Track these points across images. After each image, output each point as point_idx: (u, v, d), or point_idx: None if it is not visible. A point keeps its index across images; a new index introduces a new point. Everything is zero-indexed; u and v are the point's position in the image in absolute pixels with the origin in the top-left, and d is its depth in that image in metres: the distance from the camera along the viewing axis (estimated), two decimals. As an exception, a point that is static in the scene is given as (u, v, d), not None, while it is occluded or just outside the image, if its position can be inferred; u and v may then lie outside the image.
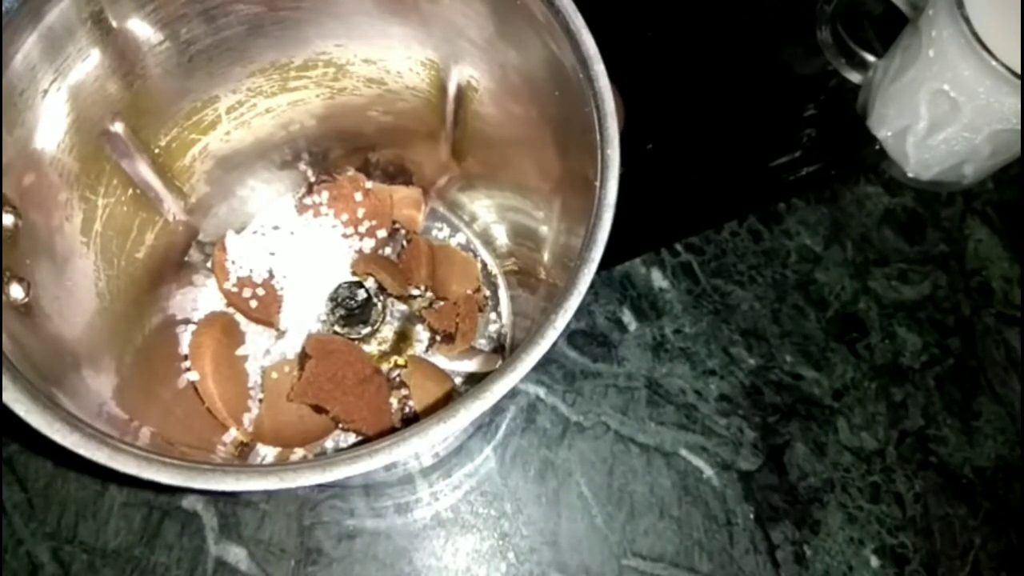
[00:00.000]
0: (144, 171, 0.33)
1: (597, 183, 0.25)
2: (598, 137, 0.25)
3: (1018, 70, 0.37)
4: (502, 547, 0.38)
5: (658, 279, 0.44)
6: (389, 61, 0.35)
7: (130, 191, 0.33)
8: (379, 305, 0.39)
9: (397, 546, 0.38)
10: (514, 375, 0.22)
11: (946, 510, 0.41)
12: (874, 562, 0.39)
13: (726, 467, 0.40)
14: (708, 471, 0.40)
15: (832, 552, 0.39)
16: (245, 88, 0.35)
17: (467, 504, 0.39)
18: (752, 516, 0.40)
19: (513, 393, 0.40)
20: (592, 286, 0.43)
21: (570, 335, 0.42)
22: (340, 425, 0.37)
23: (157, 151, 0.34)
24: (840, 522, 0.40)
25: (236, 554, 0.37)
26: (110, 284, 0.31)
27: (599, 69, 0.26)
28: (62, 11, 0.26)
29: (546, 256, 0.33)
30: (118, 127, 0.31)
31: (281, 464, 0.21)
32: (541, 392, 0.41)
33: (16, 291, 0.25)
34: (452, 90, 0.34)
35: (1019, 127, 0.40)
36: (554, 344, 0.22)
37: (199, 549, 0.37)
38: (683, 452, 0.40)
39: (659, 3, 0.51)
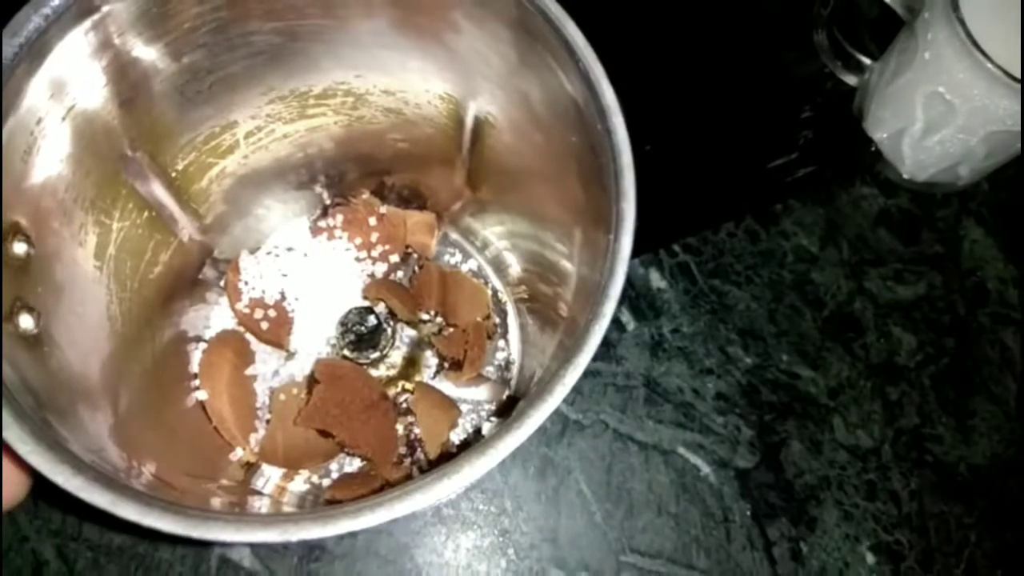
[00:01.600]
0: (160, 194, 0.33)
1: (611, 236, 0.25)
2: (614, 189, 0.25)
3: (1013, 72, 0.37)
4: (502, 543, 0.39)
5: (656, 279, 0.44)
6: (408, 93, 0.35)
7: (145, 214, 0.33)
8: (389, 331, 0.39)
9: (399, 543, 0.38)
10: (521, 432, 0.22)
11: (941, 507, 0.41)
12: (870, 559, 0.40)
13: (723, 465, 0.41)
14: (705, 469, 0.41)
15: (828, 549, 0.40)
16: (264, 114, 0.35)
17: (468, 501, 0.39)
18: (749, 513, 0.40)
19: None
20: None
21: (569, 334, 0.43)
22: (345, 450, 0.37)
23: (174, 175, 0.34)
24: (836, 519, 0.40)
25: (240, 551, 0.38)
26: (121, 307, 0.31)
27: (617, 121, 0.25)
28: (76, 40, 0.26)
29: (566, 291, 0.33)
30: (136, 153, 0.31)
31: (284, 515, 0.21)
32: (540, 391, 0.41)
33: (26, 321, 0.25)
34: (469, 123, 0.35)
35: (1014, 129, 0.40)
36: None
37: (203, 547, 0.38)
38: (681, 450, 0.41)
39: (657, 4, 0.51)
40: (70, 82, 0.27)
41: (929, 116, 0.43)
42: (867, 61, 0.49)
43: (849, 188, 0.48)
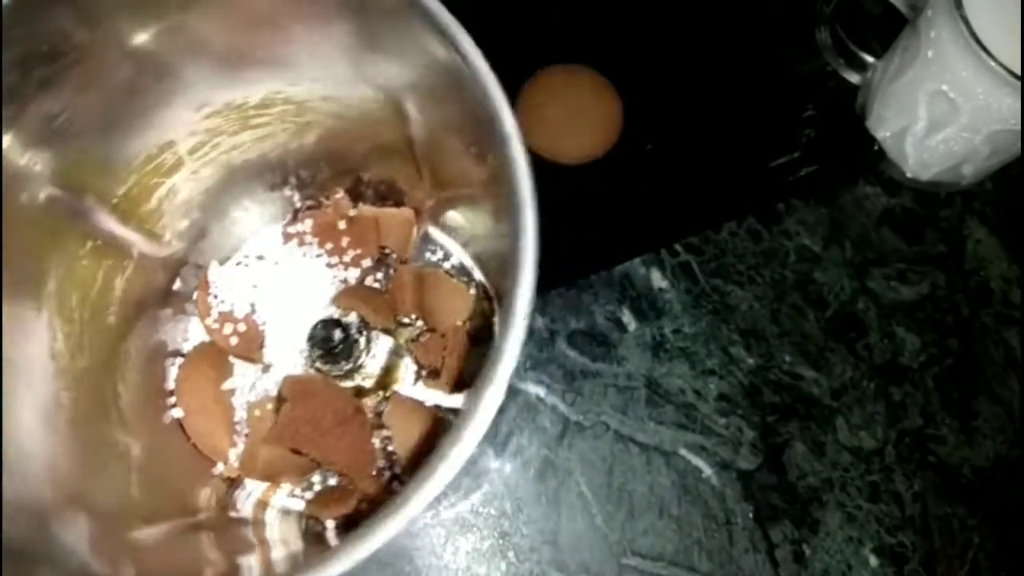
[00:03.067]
0: (104, 221, 0.31)
1: (512, 295, 0.21)
2: (517, 245, 0.22)
3: (1017, 71, 0.37)
4: (502, 546, 0.38)
5: (657, 279, 0.44)
6: (342, 98, 0.33)
7: (88, 244, 0.31)
8: (361, 341, 0.37)
9: (397, 545, 0.38)
10: (404, 514, 0.20)
11: (945, 509, 0.41)
12: (873, 561, 0.40)
13: (725, 466, 0.40)
14: (707, 470, 0.40)
15: (831, 551, 0.40)
16: (203, 129, 0.34)
17: (467, 503, 0.39)
18: (751, 515, 0.40)
19: (513, 392, 0.40)
20: (592, 286, 0.44)
21: (570, 335, 0.43)
22: (322, 467, 0.36)
23: (116, 201, 0.32)
24: (839, 521, 0.40)
25: (237, 553, 0.37)
26: (68, 342, 0.30)
27: (516, 153, 0.23)
28: None
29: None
30: (56, 192, 0.29)
31: None
32: (541, 392, 0.41)
33: None
34: (411, 115, 0.33)
35: (1018, 127, 0.40)
36: (553, 344, 0.22)
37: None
38: (682, 451, 0.41)
39: (659, 3, 0.51)
40: None
41: (932, 115, 0.43)
42: (870, 59, 0.48)
43: (852, 187, 0.47)
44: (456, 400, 0.38)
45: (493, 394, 0.20)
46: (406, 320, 0.39)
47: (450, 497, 0.38)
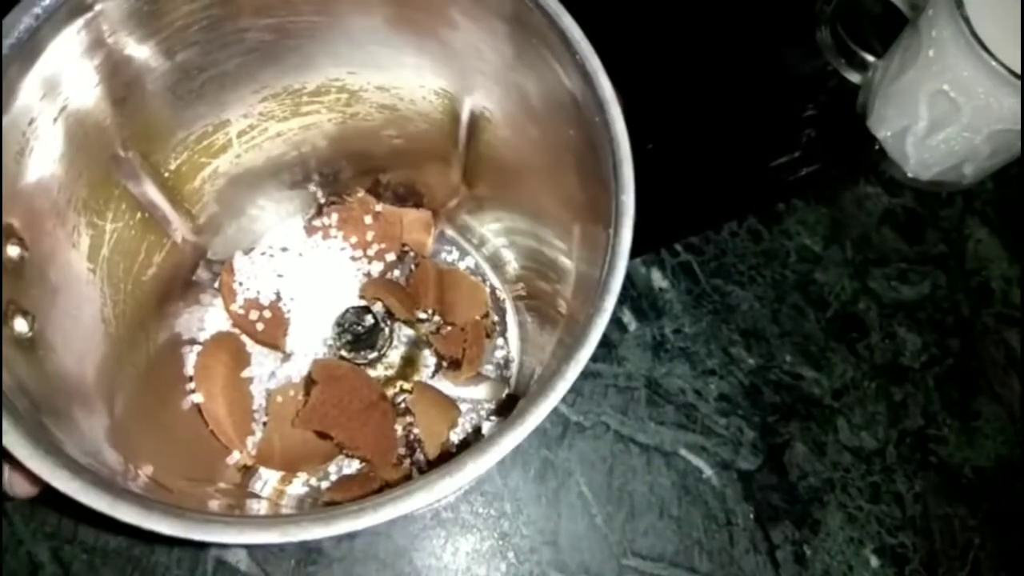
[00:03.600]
0: (153, 194, 0.33)
1: (611, 230, 0.24)
2: (613, 182, 0.25)
3: (1017, 70, 0.37)
4: (502, 547, 0.38)
5: (658, 279, 0.44)
6: (402, 89, 0.34)
7: (139, 215, 0.32)
8: (386, 330, 0.39)
9: (397, 546, 0.38)
10: (523, 428, 0.21)
11: (946, 510, 0.41)
12: (874, 562, 0.39)
13: (726, 467, 0.40)
14: (708, 471, 0.40)
15: (832, 552, 0.39)
16: (257, 113, 0.34)
17: (467, 504, 0.39)
18: (752, 516, 0.40)
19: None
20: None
21: (570, 335, 0.42)
22: (344, 451, 0.36)
23: (167, 175, 0.33)
24: (840, 522, 0.40)
25: (236, 554, 0.37)
26: (115, 309, 0.31)
27: (615, 113, 0.25)
28: (68, 39, 0.26)
29: (565, 287, 0.33)
30: (128, 153, 0.30)
31: (284, 516, 0.21)
32: (541, 392, 0.41)
33: (21, 325, 0.24)
34: (465, 118, 0.34)
35: (1018, 127, 0.40)
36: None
37: (199, 549, 0.37)
38: (683, 452, 0.40)
39: (659, 3, 0.51)
40: (62, 82, 0.26)
41: (933, 114, 0.43)
42: (871, 59, 0.48)
43: (853, 187, 0.47)
44: (473, 392, 0.39)
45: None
46: (423, 315, 0.40)
47: (449, 497, 0.38)
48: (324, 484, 0.37)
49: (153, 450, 0.30)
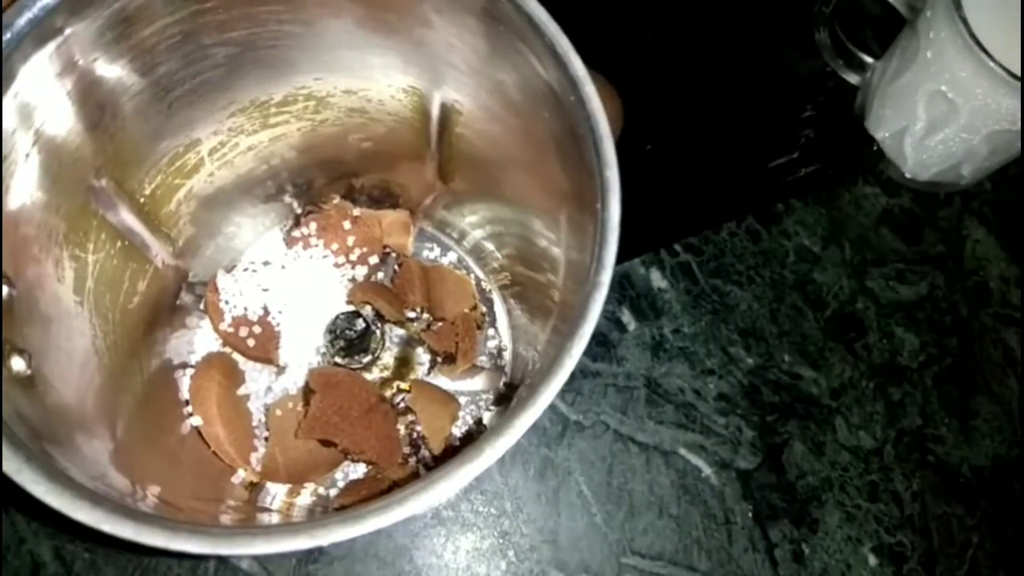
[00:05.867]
0: (131, 221, 0.32)
1: (599, 205, 0.24)
2: (595, 159, 0.25)
3: (1015, 71, 0.37)
4: (502, 545, 0.38)
5: (657, 279, 0.44)
6: (370, 90, 0.34)
7: (119, 243, 0.32)
8: (378, 333, 0.39)
9: (398, 544, 0.38)
10: (536, 408, 0.22)
11: (944, 509, 0.41)
12: (872, 560, 0.40)
13: (725, 466, 0.41)
14: (707, 470, 0.40)
15: (830, 551, 0.40)
16: (226, 128, 0.34)
17: (467, 503, 0.39)
18: (751, 515, 0.40)
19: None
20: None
21: (570, 335, 0.43)
22: (349, 456, 0.37)
23: (143, 200, 0.33)
24: (838, 521, 0.40)
25: (237, 552, 0.37)
26: (107, 340, 0.31)
27: (589, 91, 0.25)
28: (35, 68, 0.25)
29: (556, 276, 0.33)
30: (103, 181, 0.30)
31: (311, 521, 0.21)
32: (541, 391, 0.41)
33: (18, 363, 0.24)
34: (435, 113, 0.34)
35: (1016, 128, 0.40)
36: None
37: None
38: (682, 451, 0.41)
39: (658, 4, 0.51)
40: (36, 108, 0.26)
41: (931, 115, 0.43)
42: (869, 60, 0.48)
43: (851, 187, 0.47)
44: (470, 384, 0.39)
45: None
46: (412, 314, 0.40)
47: (449, 497, 0.38)
48: (332, 492, 0.37)
49: (159, 473, 0.30)
